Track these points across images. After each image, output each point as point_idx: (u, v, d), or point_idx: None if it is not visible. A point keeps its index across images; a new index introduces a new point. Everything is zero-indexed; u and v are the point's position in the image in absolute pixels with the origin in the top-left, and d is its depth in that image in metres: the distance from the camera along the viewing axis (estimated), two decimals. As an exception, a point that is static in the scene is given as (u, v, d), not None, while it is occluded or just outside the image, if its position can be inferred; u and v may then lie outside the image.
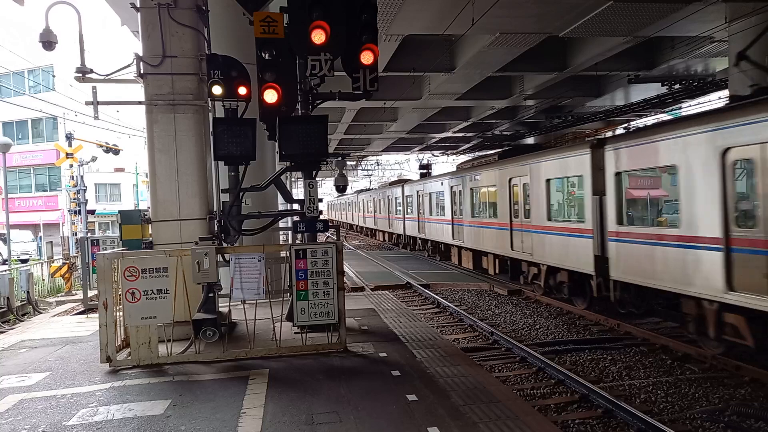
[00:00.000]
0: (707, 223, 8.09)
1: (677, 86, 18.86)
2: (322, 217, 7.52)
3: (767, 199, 7.20)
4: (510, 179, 15.06)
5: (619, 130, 21.80)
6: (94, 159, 26.83)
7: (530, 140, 28.65)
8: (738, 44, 12.36)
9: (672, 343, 9.24)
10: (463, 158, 34.85)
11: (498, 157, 16.96)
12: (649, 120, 23.95)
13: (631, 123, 25.29)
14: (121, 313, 6.75)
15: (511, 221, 14.98)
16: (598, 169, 10.91)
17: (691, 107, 21.87)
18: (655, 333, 9.85)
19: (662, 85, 19.21)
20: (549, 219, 12.88)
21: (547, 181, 13.00)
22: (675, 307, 9.34)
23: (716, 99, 18.91)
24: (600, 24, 13.39)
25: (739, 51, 11.49)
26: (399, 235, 30.66)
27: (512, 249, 14.88)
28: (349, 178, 31.04)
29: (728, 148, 7.71)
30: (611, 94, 22.45)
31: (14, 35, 31.50)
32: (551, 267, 12.94)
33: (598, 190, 10.92)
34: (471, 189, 18.65)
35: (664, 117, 23.27)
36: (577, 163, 11.73)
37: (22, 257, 28.52)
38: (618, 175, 10.31)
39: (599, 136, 15.34)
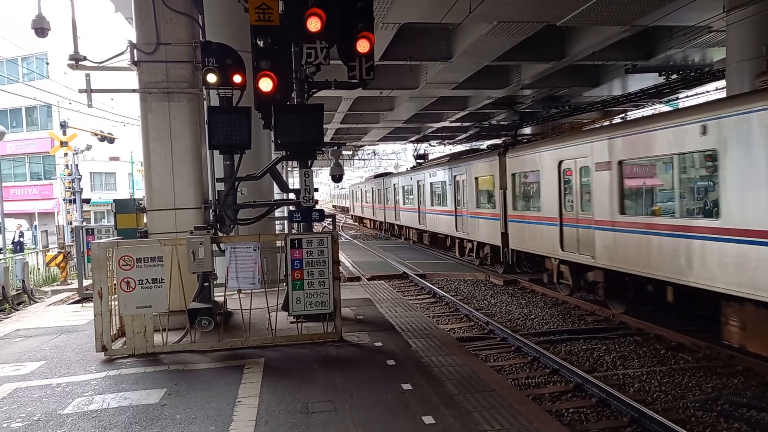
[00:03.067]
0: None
1: (674, 76, 18.85)
2: (317, 206, 7.51)
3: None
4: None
5: (616, 120, 21.80)
6: (88, 147, 26.63)
7: (527, 130, 28.62)
8: (737, 33, 12.35)
9: (666, 333, 9.29)
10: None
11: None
12: (646, 111, 23.94)
13: (628, 113, 25.30)
14: (116, 303, 6.74)
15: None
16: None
17: (688, 98, 21.89)
18: (650, 323, 9.89)
19: (660, 75, 19.19)
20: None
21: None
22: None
23: (713, 89, 18.92)
24: (598, 13, 13.32)
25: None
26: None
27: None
28: (345, 168, 30.90)
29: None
30: (608, 83, 22.39)
31: (14, 35, 31.15)
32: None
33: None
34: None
35: (663, 108, 23.28)
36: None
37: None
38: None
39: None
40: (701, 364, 7.99)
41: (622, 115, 25.42)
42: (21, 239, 26.12)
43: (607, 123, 18.17)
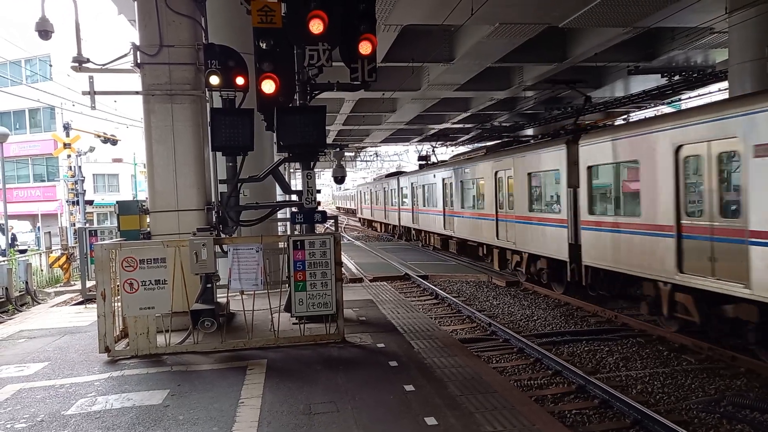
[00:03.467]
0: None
1: (677, 77, 18.83)
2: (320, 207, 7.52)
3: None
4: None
5: (619, 121, 21.77)
6: (92, 149, 26.76)
7: (529, 131, 28.62)
8: (739, 34, 12.35)
9: (669, 335, 9.27)
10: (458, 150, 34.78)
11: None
12: (649, 112, 23.91)
13: (631, 114, 25.28)
14: (119, 304, 6.76)
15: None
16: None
17: (690, 99, 21.87)
18: (652, 324, 9.88)
19: (662, 77, 19.18)
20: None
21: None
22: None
23: (716, 90, 18.90)
24: (599, 14, 13.34)
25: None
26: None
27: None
28: (347, 170, 30.50)
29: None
30: (611, 85, 22.40)
31: (14, 35, 31.32)
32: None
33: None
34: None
35: (666, 109, 23.25)
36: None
37: (21, 247, 28.51)
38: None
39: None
40: (704, 366, 7.97)
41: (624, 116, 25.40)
42: (15, 242, 26.11)
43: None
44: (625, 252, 9.95)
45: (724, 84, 16.75)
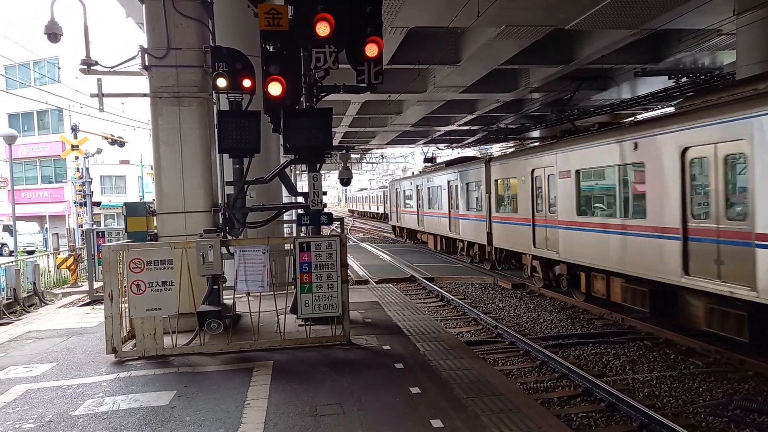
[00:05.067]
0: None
1: (684, 79, 18.76)
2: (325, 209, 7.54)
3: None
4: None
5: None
6: (99, 151, 26.91)
7: (536, 133, 28.58)
8: (747, 36, 12.28)
9: (676, 338, 9.23)
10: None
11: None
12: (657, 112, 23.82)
13: (637, 117, 25.19)
14: (126, 305, 6.79)
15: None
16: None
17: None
18: (659, 327, 9.83)
19: (669, 79, 19.10)
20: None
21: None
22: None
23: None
24: (606, 16, 13.30)
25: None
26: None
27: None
28: (353, 171, 30.36)
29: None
30: (617, 87, 22.32)
31: (14, 35, 31.59)
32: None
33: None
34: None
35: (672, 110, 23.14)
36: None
37: (29, 249, 28.70)
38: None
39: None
40: (712, 369, 7.93)
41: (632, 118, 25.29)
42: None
43: None
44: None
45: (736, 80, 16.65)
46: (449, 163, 22.96)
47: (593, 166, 11.58)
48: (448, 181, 21.34)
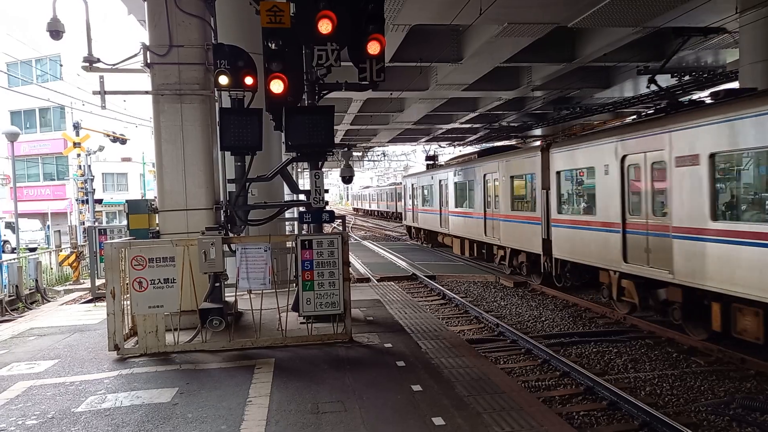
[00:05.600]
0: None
1: (687, 78, 18.70)
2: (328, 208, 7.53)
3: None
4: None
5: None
6: (101, 148, 26.92)
7: (538, 131, 28.54)
8: (750, 34, 12.25)
9: (678, 336, 9.22)
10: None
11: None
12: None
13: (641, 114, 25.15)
14: (128, 302, 6.81)
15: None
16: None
17: (701, 99, 21.70)
18: (662, 326, 9.82)
19: (672, 77, 19.05)
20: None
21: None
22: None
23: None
24: (609, 14, 13.27)
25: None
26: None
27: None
28: (354, 169, 30.13)
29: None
30: (620, 85, 22.29)
31: (15, 31, 31.59)
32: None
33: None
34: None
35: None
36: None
37: (31, 246, 28.75)
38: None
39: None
40: (713, 368, 7.93)
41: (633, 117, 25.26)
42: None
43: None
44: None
45: (735, 84, 16.63)
46: (484, 153, 18.89)
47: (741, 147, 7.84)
48: (484, 175, 17.22)
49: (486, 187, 17.25)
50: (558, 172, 12.89)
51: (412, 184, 27.45)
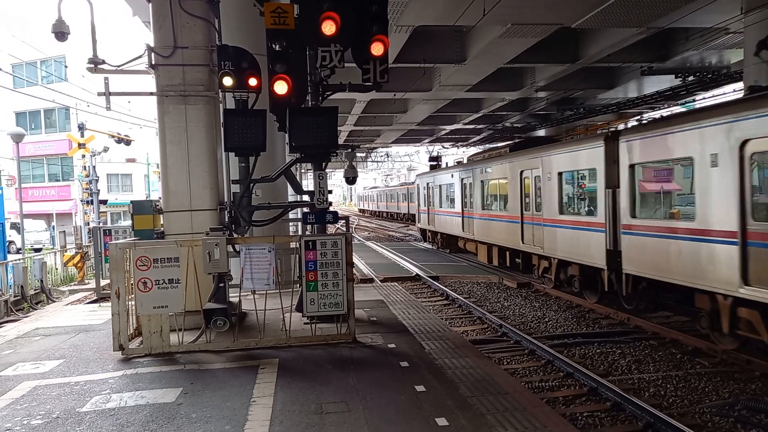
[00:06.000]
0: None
1: (691, 78, 18.68)
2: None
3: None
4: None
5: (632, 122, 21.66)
6: (105, 149, 27.01)
7: (541, 132, 28.50)
8: (755, 35, 12.21)
9: (682, 338, 9.19)
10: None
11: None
12: (664, 112, 23.75)
13: (644, 115, 25.13)
14: (133, 302, 6.83)
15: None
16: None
17: (705, 99, 21.65)
18: (665, 327, 9.80)
19: (676, 77, 19.03)
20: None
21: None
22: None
23: (731, 91, 18.71)
24: (613, 15, 13.26)
25: (761, 40, 10.94)
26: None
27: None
28: (358, 170, 30.05)
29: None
30: (624, 86, 22.24)
31: (15, 32, 31.73)
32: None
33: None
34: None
35: (680, 109, 23.06)
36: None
37: (36, 246, 28.87)
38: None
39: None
40: (718, 369, 7.90)
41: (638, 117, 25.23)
42: None
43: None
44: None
45: (740, 84, 16.59)
46: (519, 146, 16.22)
47: None
48: (521, 172, 14.69)
49: (523, 187, 14.70)
50: (632, 166, 10.19)
51: (428, 184, 24.97)
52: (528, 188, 14.48)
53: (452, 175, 21.34)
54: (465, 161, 23.01)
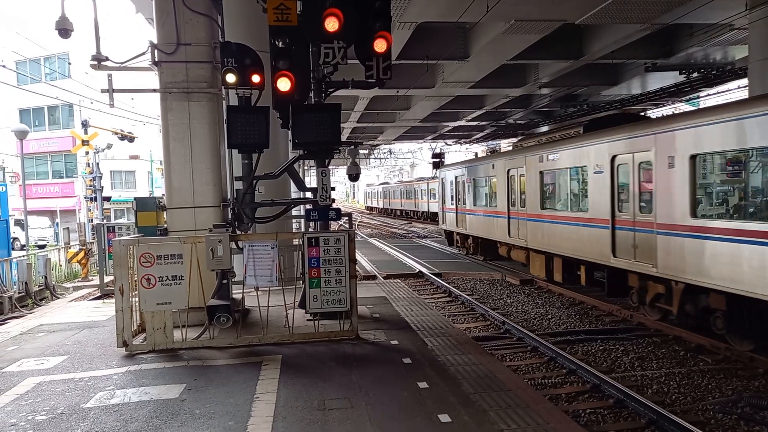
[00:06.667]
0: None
1: (695, 75, 18.59)
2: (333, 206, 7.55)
3: None
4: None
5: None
6: (109, 146, 27.04)
7: (544, 128, 28.41)
8: (760, 31, 12.15)
9: (685, 334, 9.18)
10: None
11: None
12: (667, 109, 23.67)
13: (647, 112, 25.05)
14: (136, 299, 6.85)
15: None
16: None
17: (709, 96, 21.57)
18: (668, 324, 9.79)
19: (680, 74, 18.94)
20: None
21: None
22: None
23: (735, 88, 18.64)
24: (617, 11, 13.19)
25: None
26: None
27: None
28: (361, 167, 29.98)
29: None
30: (627, 82, 22.15)
31: (13, 30, 31.81)
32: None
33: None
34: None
35: (685, 107, 22.97)
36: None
37: (40, 243, 28.97)
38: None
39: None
40: (721, 366, 7.89)
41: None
42: None
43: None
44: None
45: (744, 81, 16.51)
46: (598, 124, 12.43)
47: None
48: (613, 158, 10.76)
49: (616, 178, 10.77)
50: None
51: (456, 178, 21.13)
52: (633, 179, 10.24)
53: (493, 166, 17.26)
54: (503, 148, 19.03)
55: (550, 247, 13.36)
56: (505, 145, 26.35)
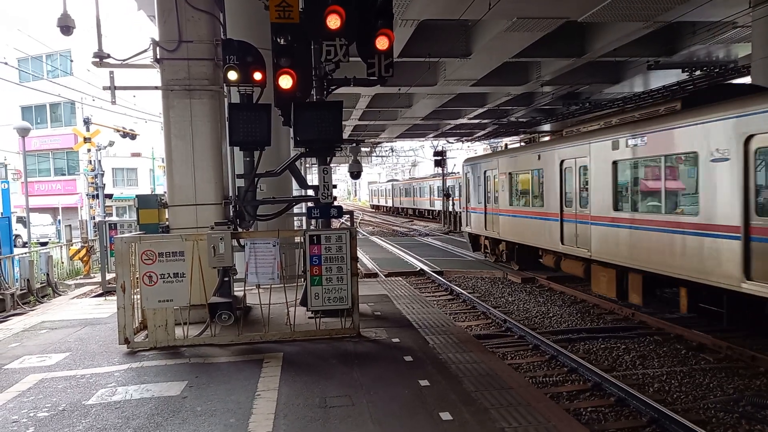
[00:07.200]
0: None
1: (698, 72, 18.53)
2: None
3: None
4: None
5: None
6: (111, 144, 27.07)
7: (546, 127, 28.37)
8: (762, 29, 12.12)
9: (686, 333, 9.17)
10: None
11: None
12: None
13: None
14: (138, 296, 6.87)
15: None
16: None
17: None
18: (670, 323, 9.77)
19: (683, 72, 18.88)
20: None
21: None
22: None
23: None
24: (619, 9, 13.17)
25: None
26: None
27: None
28: (362, 164, 30.01)
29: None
30: (630, 80, 22.11)
31: (13, 29, 31.83)
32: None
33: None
34: None
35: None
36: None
37: (42, 240, 29.01)
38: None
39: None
40: (723, 365, 7.88)
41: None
42: None
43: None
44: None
45: (747, 79, 16.46)
46: (701, 98, 9.26)
47: None
48: (748, 140, 7.62)
49: (749, 169, 7.63)
50: None
51: (485, 172, 17.66)
52: None
53: (539, 156, 13.95)
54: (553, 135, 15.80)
55: (629, 261, 10.24)
56: (507, 142, 26.15)
